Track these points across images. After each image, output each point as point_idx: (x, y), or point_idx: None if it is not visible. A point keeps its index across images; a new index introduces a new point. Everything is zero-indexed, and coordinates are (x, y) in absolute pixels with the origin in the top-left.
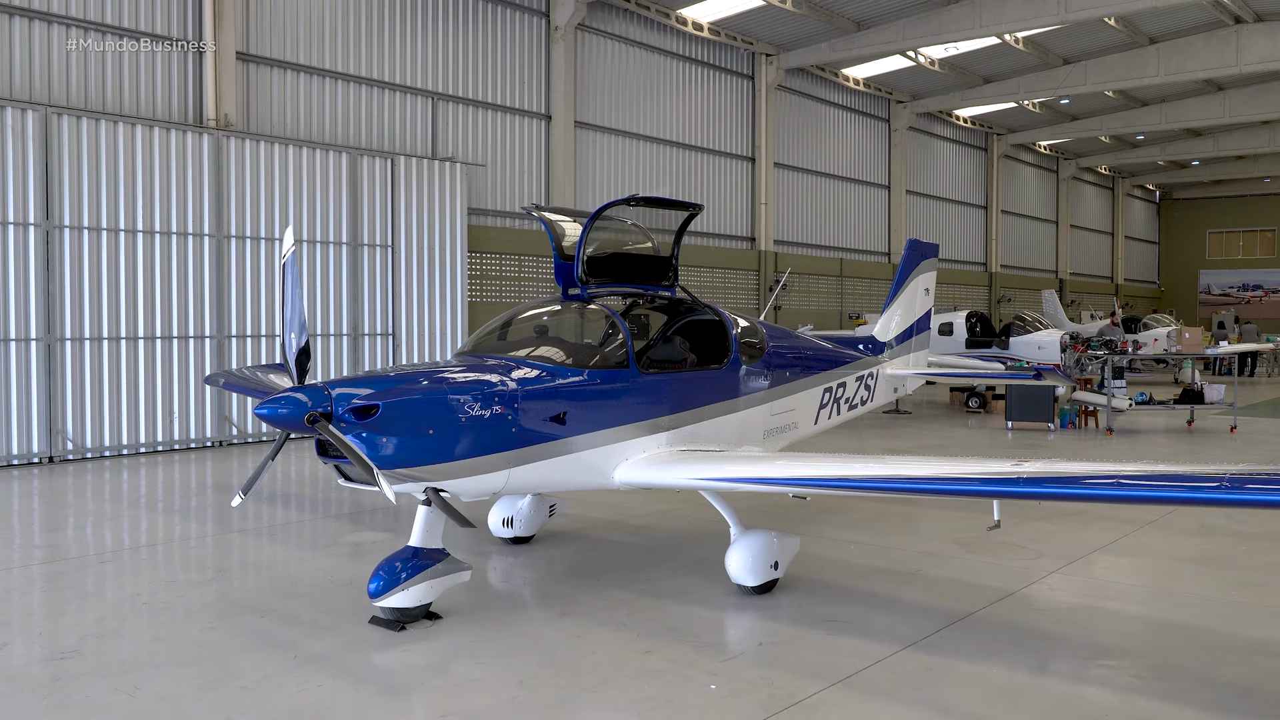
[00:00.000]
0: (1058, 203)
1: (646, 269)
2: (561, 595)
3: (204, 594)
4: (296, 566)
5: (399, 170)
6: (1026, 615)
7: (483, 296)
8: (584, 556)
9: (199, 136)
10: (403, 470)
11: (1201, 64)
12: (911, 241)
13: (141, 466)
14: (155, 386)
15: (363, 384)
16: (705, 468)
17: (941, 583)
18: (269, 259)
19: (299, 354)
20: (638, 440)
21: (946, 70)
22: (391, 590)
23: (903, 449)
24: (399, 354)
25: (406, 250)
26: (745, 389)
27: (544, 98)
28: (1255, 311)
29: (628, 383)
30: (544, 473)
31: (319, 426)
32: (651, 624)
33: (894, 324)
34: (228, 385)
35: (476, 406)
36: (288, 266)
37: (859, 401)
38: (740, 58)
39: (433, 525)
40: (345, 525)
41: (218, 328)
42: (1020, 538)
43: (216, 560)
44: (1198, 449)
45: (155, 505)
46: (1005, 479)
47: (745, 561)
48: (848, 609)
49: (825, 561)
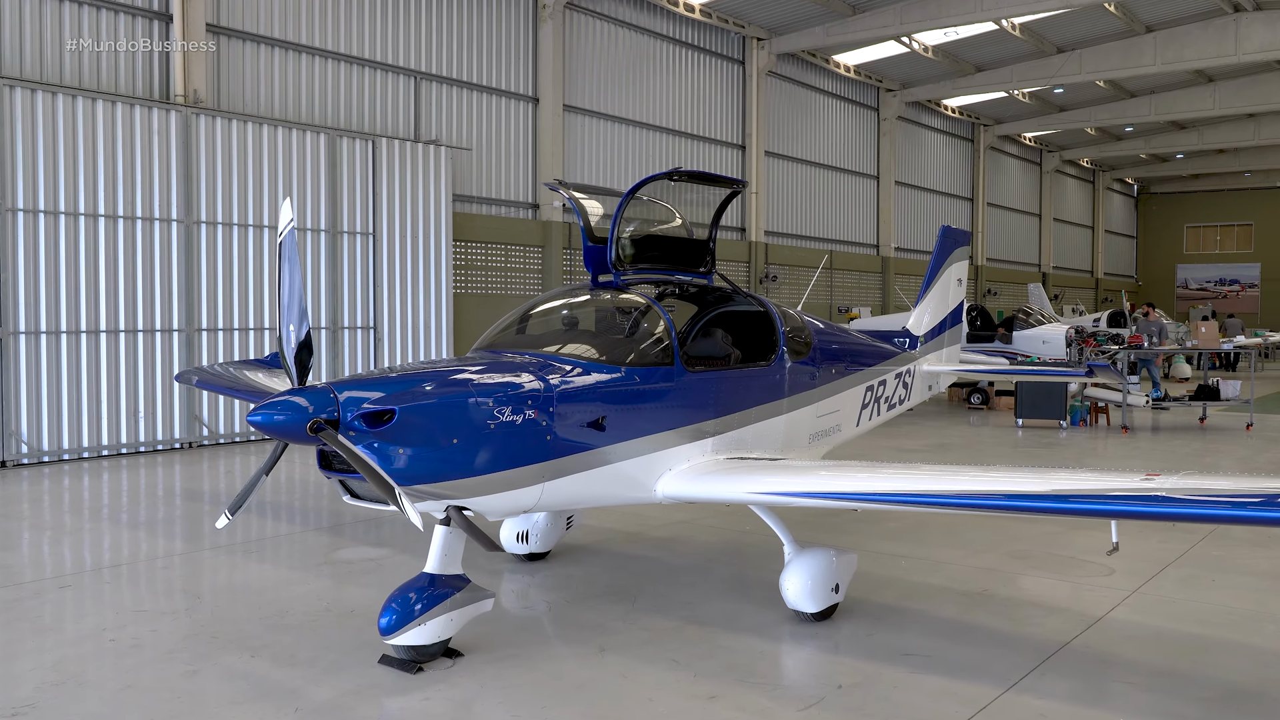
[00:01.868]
0: (1041, 196)
1: (683, 253)
2: (594, 624)
3: (180, 627)
4: (284, 590)
5: (380, 153)
6: (1125, 647)
7: (468, 288)
8: (609, 575)
9: (166, 113)
10: (422, 487)
11: (1199, 53)
12: (944, 228)
13: (104, 471)
14: (118, 384)
15: (374, 385)
16: (763, 479)
17: (1015, 605)
18: (242, 246)
19: (299, 349)
20: (681, 448)
21: (940, 58)
22: (406, 626)
23: (911, 448)
24: (381, 348)
25: (389, 238)
26: (792, 388)
27: (531, 79)
28: (1231, 306)
29: (672, 382)
30: (580, 486)
31: (324, 436)
32: (708, 661)
33: (927, 317)
34: (201, 384)
35: (507, 411)
36: (285, 244)
37: (897, 401)
38: (731, 41)
39: (452, 548)
40: (334, 539)
41: (187, 321)
42: (1076, 549)
43: (191, 583)
44: (1239, 450)
45: (119, 517)
46: (1151, 497)
47: (805, 585)
48: (922, 639)
49: (878, 580)
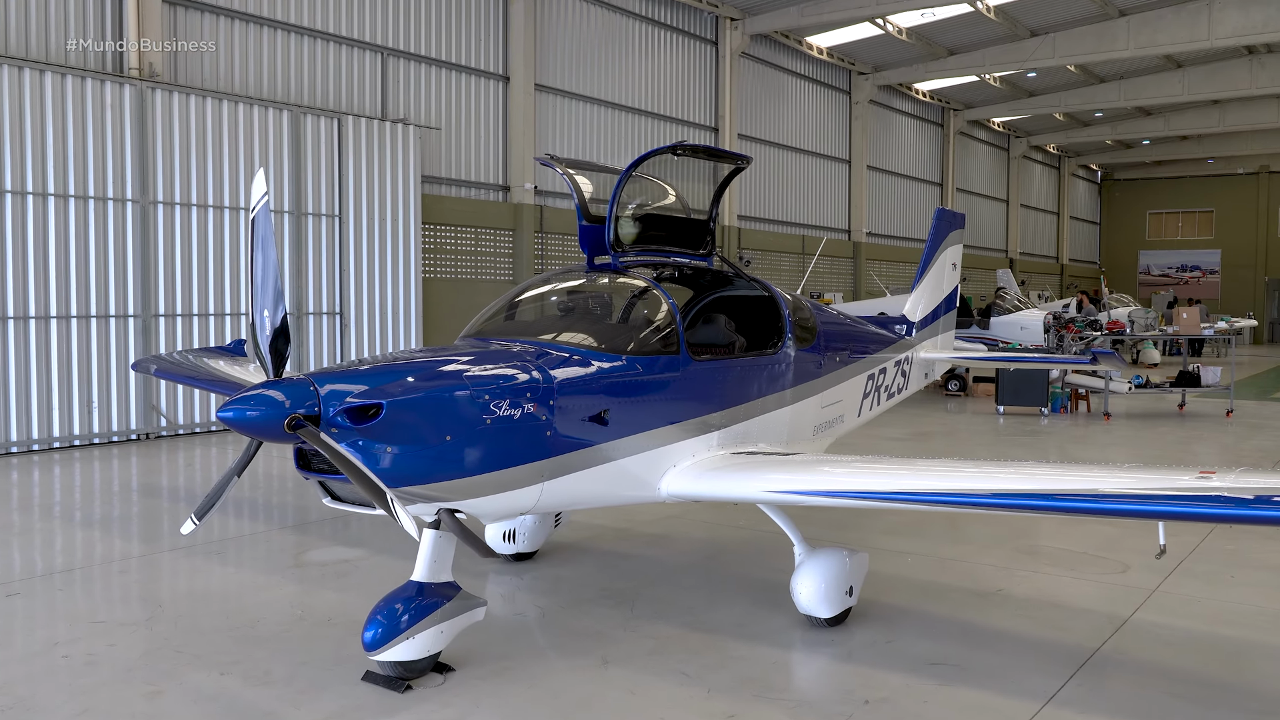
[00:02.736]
0: (1008, 181)
1: (683, 234)
2: (593, 632)
3: (140, 640)
4: (253, 597)
5: (346, 131)
6: (1161, 653)
7: (438, 273)
8: (601, 577)
9: (119, 87)
10: (412, 489)
11: (1171, 37)
12: (939, 211)
13: (55, 465)
14: (70, 373)
15: (358, 377)
16: (779, 477)
17: (1034, 606)
18: (201, 227)
19: (274, 336)
20: (686, 442)
21: (913, 40)
22: (392, 640)
23: (893, 437)
24: (347, 335)
25: (355, 220)
26: (798, 378)
27: (502, 57)
28: (1192, 291)
29: (677, 372)
30: (581, 486)
31: (303, 434)
32: (720, 673)
33: (923, 302)
34: (160, 373)
35: (504, 404)
36: (258, 221)
37: (896, 389)
38: (705, 21)
39: (442, 553)
40: (303, 537)
41: (143, 306)
42: (1084, 544)
43: (151, 589)
44: (1224, 437)
45: (72, 515)
46: (1217, 497)
47: (818, 589)
48: (945, 646)
49: (886, 579)
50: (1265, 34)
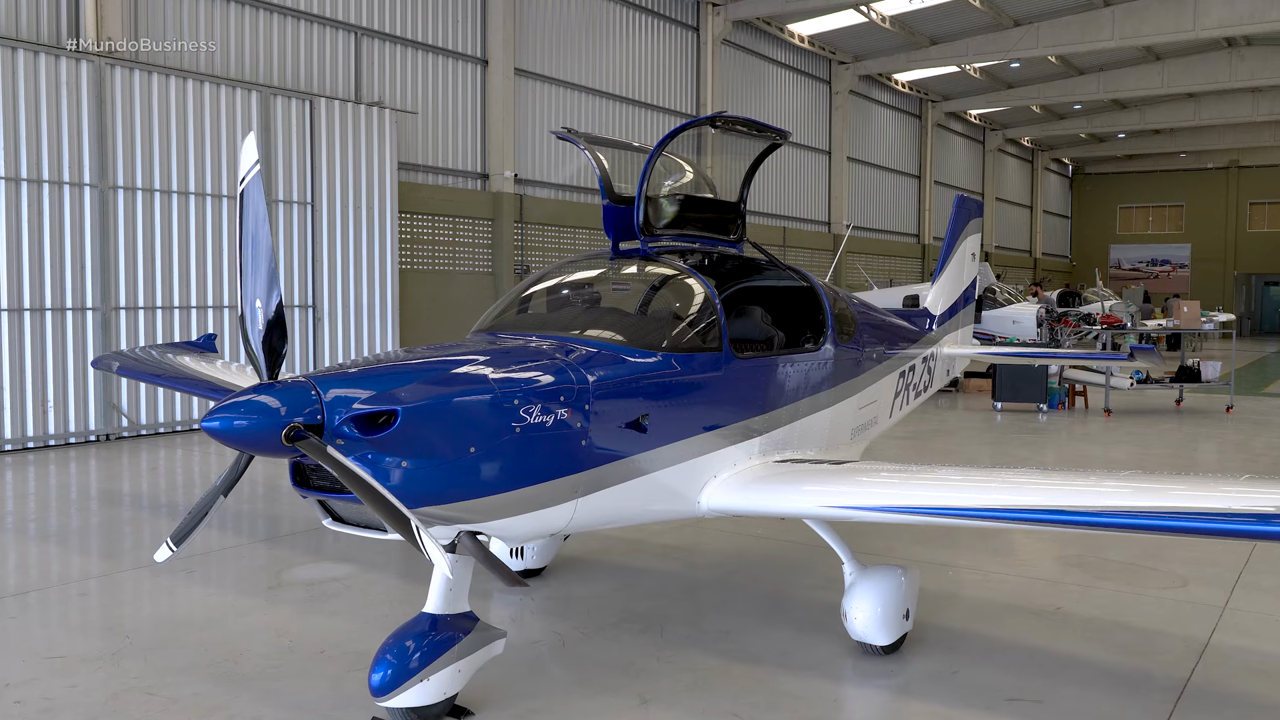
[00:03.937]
0: (984, 175)
1: (713, 217)
2: (622, 663)
3: (105, 680)
4: (233, 624)
5: (319, 114)
6: (1256, 683)
7: (414, 263)
8: (620, 596)
9: (76, 64)
10: (430, 509)
11: (1157, 28)
12: (960, 198)
13: (7, 469)
14: (23, 369)
15: (366, 379)
16: (834, 489)
17: (1101, 628)
18: (165, 214)
19: (268, 329)
20: (727, 450)
21: (896, 29)
22: (404, 684)
23: (891, 436)
24: (320, 329)
25: (329, 208)
26: (839, 377)
27: (480, 40)
28: (1163, 286)
29: (719, 371)
30: (616, 502)
31: (304, 446)
32: (774, 715)
33: (944, 295)
34: (123, 371)
35: (535, 410)
36: (248, 192)
37: (923, 387)
38: (686, 6)
39: (459, 581)
40: (285, 552)
41: (103, 298)
42: (1126, 553)
43: (115, 616)
44: (1231, 435)
45: (25, 527)
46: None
47: (875, 613)
48: (1015, 676)
49: (934, 598)
50: (1250, 25)
